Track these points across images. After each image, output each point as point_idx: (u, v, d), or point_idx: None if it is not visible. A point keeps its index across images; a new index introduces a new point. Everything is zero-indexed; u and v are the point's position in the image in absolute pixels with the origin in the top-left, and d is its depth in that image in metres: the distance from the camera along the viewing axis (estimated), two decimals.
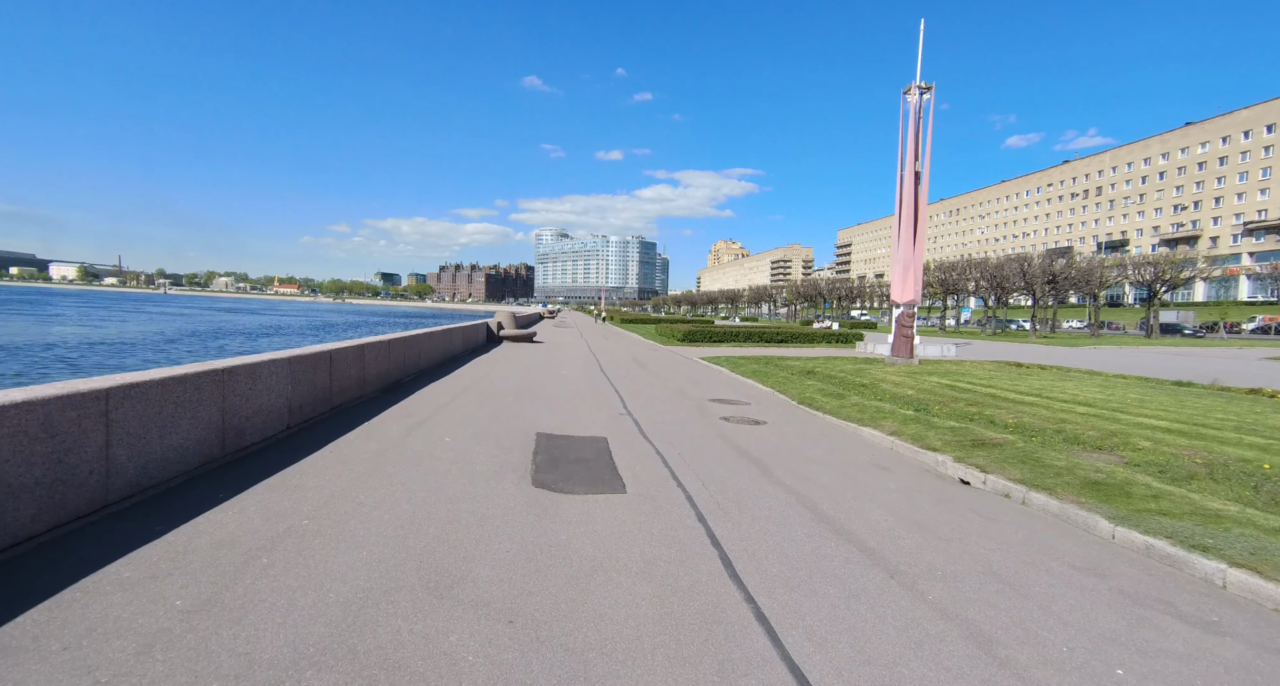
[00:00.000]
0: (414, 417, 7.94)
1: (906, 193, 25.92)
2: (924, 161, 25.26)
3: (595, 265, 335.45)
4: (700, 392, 12.21)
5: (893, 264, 26.87)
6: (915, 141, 25.34)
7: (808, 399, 11.32)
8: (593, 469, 6.02)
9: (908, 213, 25.85)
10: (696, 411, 9.99)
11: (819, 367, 16.42)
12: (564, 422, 8.34)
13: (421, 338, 12.73)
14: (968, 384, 13.34)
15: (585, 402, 10.25)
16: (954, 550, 4.36)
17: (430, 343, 13.50)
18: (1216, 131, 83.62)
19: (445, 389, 10.83)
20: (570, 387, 11.94)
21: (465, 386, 11.26)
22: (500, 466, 5.87)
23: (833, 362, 18.30)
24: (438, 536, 4.02)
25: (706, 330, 29.16)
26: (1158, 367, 19.94)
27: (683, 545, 4.19)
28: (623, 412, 9.49)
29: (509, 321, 23.95)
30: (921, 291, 26.86)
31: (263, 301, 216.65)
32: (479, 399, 9.95)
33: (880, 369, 16.44)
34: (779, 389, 12.70)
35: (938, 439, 7.65)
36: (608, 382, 13.00)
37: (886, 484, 6.12)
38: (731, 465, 6.50)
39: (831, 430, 9.00)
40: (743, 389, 13.17)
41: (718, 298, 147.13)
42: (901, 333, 18.08)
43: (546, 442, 7.04)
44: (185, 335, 44.60)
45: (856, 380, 13.74)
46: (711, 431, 8.37)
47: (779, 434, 8.44)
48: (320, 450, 5.92)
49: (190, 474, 4.84)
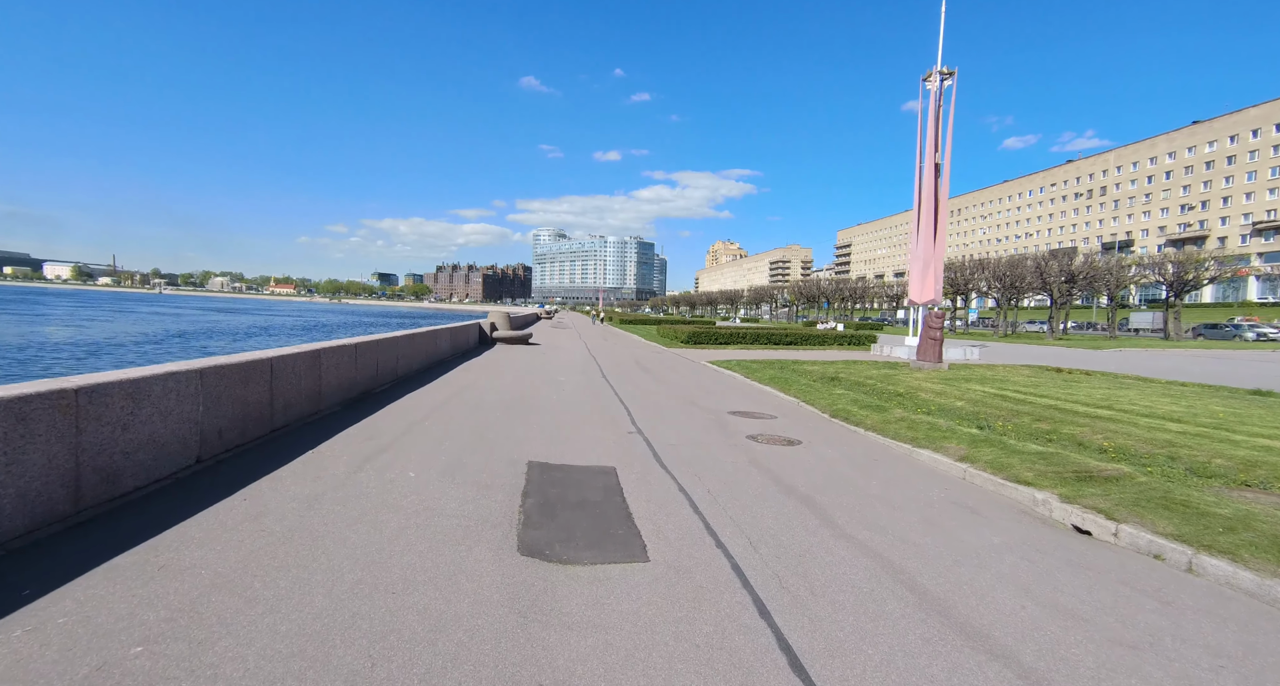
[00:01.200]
0: (375, 441, 6.41)
1: (926, 186, 24.47)
2: (945, 153, 23.82)
3: (593, 266, 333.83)
4: (716, 403, 10.72)
5: (911, 262, 25.41)
6: (935, 131, 23.91)
7: (841, 411, 9.84)
8: (601, 519, 4.52)
9: (927, 207, 24.38)
10: (717, 428, 8.50)
11: (841, 373, 14.94)
12: (562, 445, 6.84)
13: (400, 340, 11.21)
14: (1015, 392, 11.86)
15: (587, 417, 8.75)
16: (1160, 675, 2.86)
17: (411, 346, 11.98)
18: (1224, 130, 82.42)
19: (423, 400, 9.31)
20: (569, 398, 10.44)
21: (448, 397, 9.74)
22: (476, 519, 4.36)
23: (854, 367, 16.83)
24: (354, 672, 2.51)
25: (711, 332, 27.69)
26: (1207, 373, 18.50)
27: (746, 667, 2.69)
28: (631, 430, 7.99)
29: (503, 322, 22.44)
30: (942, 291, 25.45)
31: (258, 301, 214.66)
32: (461, 413, 8.44)
33: (909, 374, 14.97)
34: (804, 399, 11.22)
35: (1025, 468, 6.16)
36: (611, 391, 11.50)
37: (986, 536, 4.63)
38: (778, 507, 5.01)
39: (881, 453, 7.51)
40: (763, 398, 11.68)
41: (717, 298, 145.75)
42: (929, 335, 16.60)
43: (540, 476, 5.54)
44: (170, 336, 43.00)
45: (888, 388, 12.26)
46: (741, 455, 6.88)
47: (821, 458, 6.95)
48: (231, 496, 4.40)
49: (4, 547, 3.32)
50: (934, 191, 23.90)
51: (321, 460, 5.54)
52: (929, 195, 23.93)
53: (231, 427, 5.35)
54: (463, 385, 11.23)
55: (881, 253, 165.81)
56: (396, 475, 5.23)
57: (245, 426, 5.61)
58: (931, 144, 23.60)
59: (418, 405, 8.86)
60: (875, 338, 29.30)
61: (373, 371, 9.58)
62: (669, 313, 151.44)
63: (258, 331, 55.16)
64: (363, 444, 6.24)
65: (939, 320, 16.58)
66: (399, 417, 7.77)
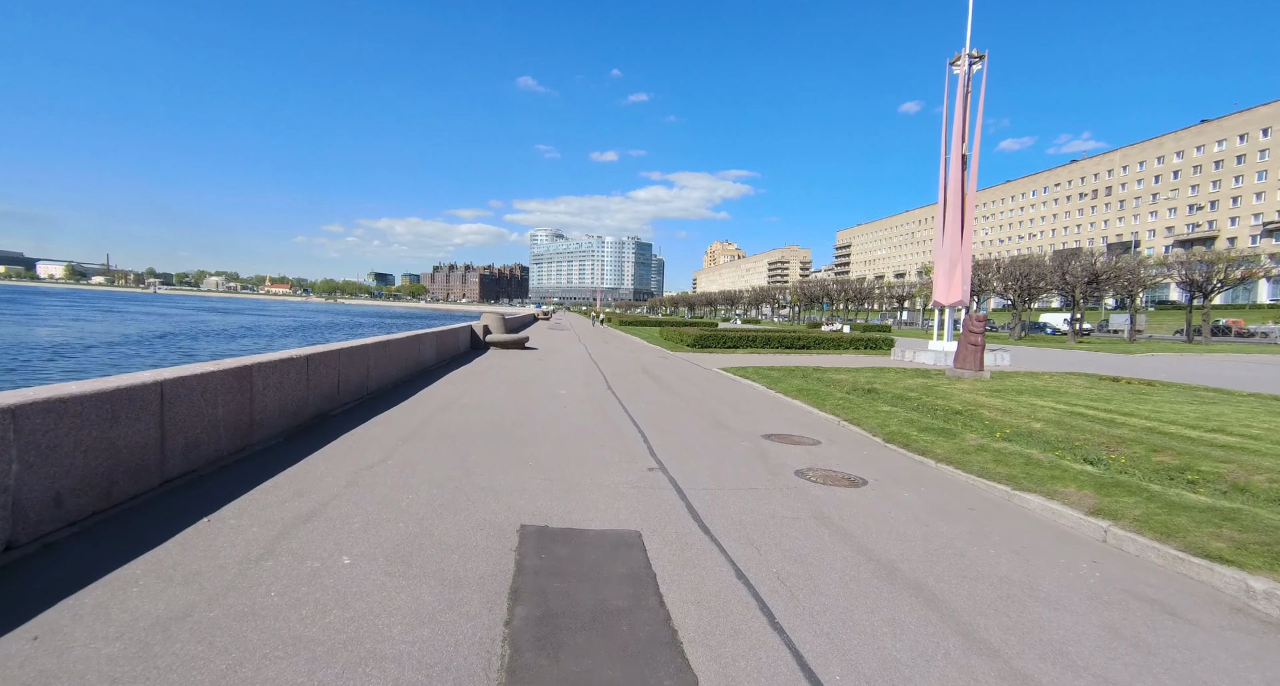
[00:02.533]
0: (307, 498, 4.66)
1: (952, 179, 22.80)
2: (973, 142, 22.17)
3: (590, 266, 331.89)
4: (745, 423, 9.04)
5: (936, 261, 23.75)
6: (963, 119, 22.27)
7: (898, 435, 8.17)
8: (633, 651, 2.82)
9: (954, 201, 22.73)
10: (756, 459, 6.82)
11: (875, 383, 13.28)
12: (565, 494, 5.15)
13: (370, 349, 9.49)
14: (1090, 409, 10.20)
15: (595, 446, 7.06)
16: None
17: (384, 355, 10.25)
18: (1234, 129, 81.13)
19: (391, 427, 7.58)
20: (572, 418, 8.75)
21: (423, 421, 8.02)
22: (431, 662, 2.65)
23: (884, 376, 15.16)
24: None
25: (717, 335, 26.05)
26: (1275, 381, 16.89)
27: None
28: (653, 466, 6.32)
29: (497, 325, 20.73)
30: (970, 291, 23.79)
31: (252, 301, 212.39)
32: (435, 447, 6.72)
33: (951, 385, 13.31)
34: (846, 417, 9.55)
35: (1205, 532, 4.49)
36: (620, 408, 9.81)
37: (1240, 673, 2.95)
38: (888, 610, 3.33)
39: (972, 497, 5.85)
40: (797, 416, 10.00)
41: (717, 299, 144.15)
42: (968, 340, 14.94)
43: (536, 555, 3.84)
44: (153, 337, 41.16)
45: (939, 403, 10.60)
46: (800, 505, 5.20)
47: (902, 508, 5.29)
48: (12, 631, 2.69)
49: None
50: (961, 185, 22.26)
51: (213, 537, 3.80)
52: (955, 189, 22.27)
53: (82, 489, 3.64)
54: (444, 402, 9.51)
55: (882, 253, 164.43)
56: (322, 563, 3.52)
57: (111, 483, 3.90)
58: (959, 134, 21.94)
59: (383, 434, 7.13)
60: (892, 341, 27.67)
61: (331, 388, 7.86)
62: (667, 313, 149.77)
63: (244, 332, 53.37)
64: (286, 504, 4.48)
65: (980, 324, 14.91)
66: (350, 457, 6.02)
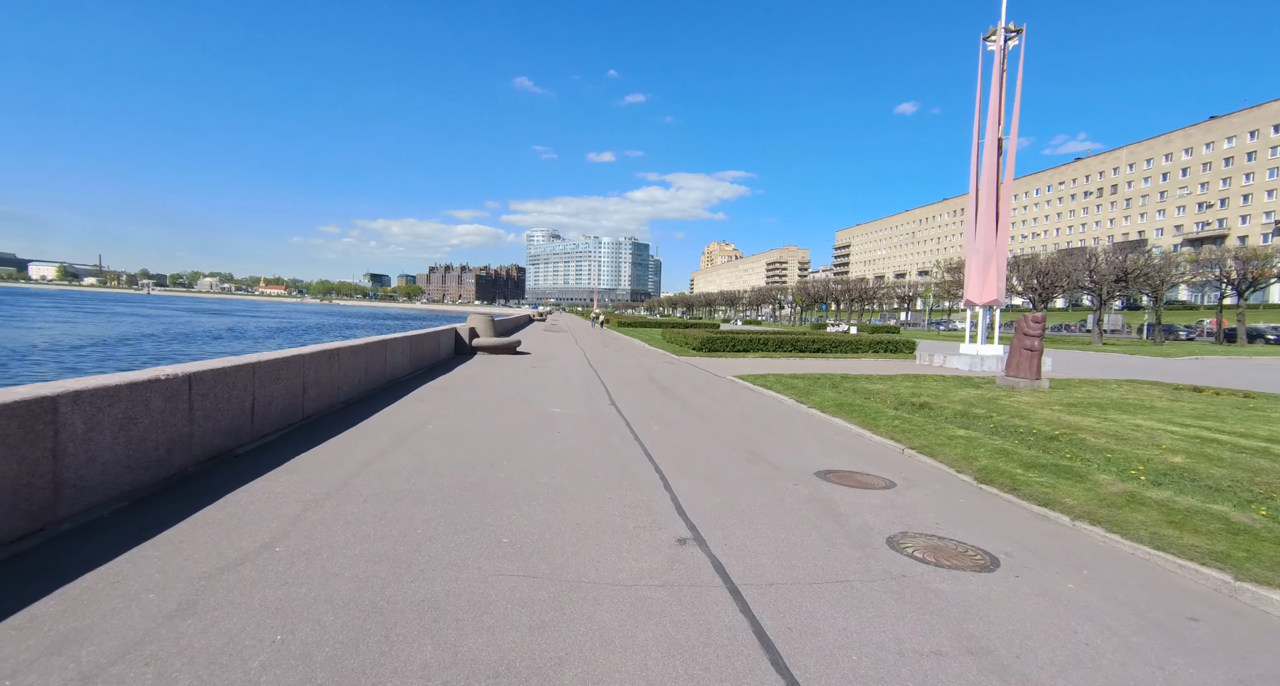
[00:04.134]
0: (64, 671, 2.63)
1: (986, 166, 20.80)
2: (1010, 126, 20.21)
3: (587, 267, 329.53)
4: (789, 453, 7.02)
5: (968, 256, 21.74)
6: (998, 101, 20.30)
7: (993, 472, 6.18)
8: None
9: (987, 191, 20.73)
10: (827, 518, 4.79)
11: (922, 395, 11.29)
12: (556, 611, 3.11)
13: (310, 360, 7.40)
14: (1207, 430, 8.21)
15: (599, 498, 5.02)
16: None
17: (330, 367, 8.16)
18: (1244, 125, 79.52)
19: (310, 476, 5.43)
20: (567, 451, 6.70)
21: (361, 463, 5.93)
22: None
23: (925, 385, 13.17)
24: None
25: (725, 337, 24.02)
26: None
27: None
28: (685, 536, 4.30)
29: (485, 327, 18.65)
30: (1005, 289, 21.83)
31: (245, 302, 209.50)
32: (363, 515, 4.65)
33: (1010, 397, 11.33)
34: (912, 443, 7.55)
35: None
36: (629, 434, 7.77)
37: None
38: None
39: (1178, 595, 3.83)
40: (847, 441, 7.98)
41: (716, 299, 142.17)
42: (1023, 345, 12.96)
43: None
44: (118, 342, 38.90)
45: (1015, 422, 8.61)
46: (932, 625, 3.16)
47: (1090, 621, 3.25)
48: None
49: None
50: (996, 172, 20.28)
51: None
52: (990, 177, 20.26)
53: None
54: (403, 429, 7.44)
55: (881, 253, 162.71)
56: None
57: None
58: (994, 116, 19.94)
59: (292, 490, 5.01)
60: (913, 344, 25.71)
61: (238, 417, 5.79)
62: (665, 314, 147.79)
63: (227, 334, 51.23)
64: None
65: (1038, 326, 12.92)
66: (219, 540, 3.88)
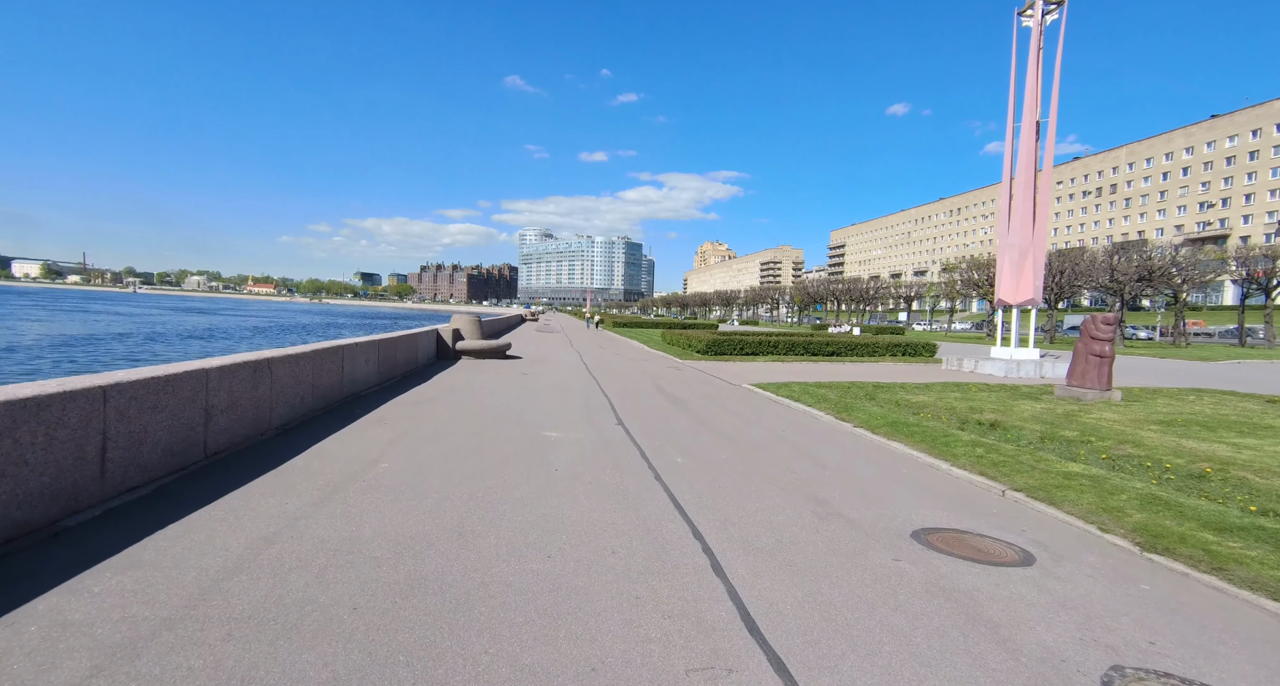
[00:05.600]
0: None
1: (1023, 151, 19.04)
2: (1050, 107, 18.47)
3: (580, 266, 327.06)
4: (864, 503, 5.20)
5: (1000, 252, 19.95)
6: (1035, 81, 18.61)
7: (1163, 535, 4.40)
8: None
9: (1024, 181, 18.97)
10: (985, 640, 2.97)
11: (983, 411, 9.53)
12: None
13: (222, 375, 5.51)
14: None
15: (620, 607, 3.16)
16: None
17: (261, 385, 6.24)
18: (1246, 124, 78.61)
19: (161, 581, 3.54)
20: (570, 511, 4.84)
21: (261, 540, 4.04)
22: None
23: (974, 396, 11.41)
24: None
25: (732, 339, 22.23)
26: None
27: None
28: (768, 682, 2.47)
29: (470, 328, 16.75)
30: (1043, 288, 20.12)
31: (233, 301, 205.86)
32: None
33: (1088, 412, 9.59)
34: (1012, 482, 5.77)
35: None
36: (649, 474, 5.92)
37: None
38: None
39: None
40: (925, 477, 6.17)
41: (712, 299, 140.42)
42: (1091, 350, 11.22)
43: None
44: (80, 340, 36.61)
45: (1129, 450, 6.86)
46: None
47: None
48: None
49: None
50: (1033, 159, 18.56)
51: None
52: (1027, 165, 18.49)
53: None
54: (342, 473, 5.54)
55: (877, 253, 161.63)
56: None
57: None
58: (1031, 97, 18.23)
59: (98, 622, 3.14)
60: (933, 346, 24.00)
61: (80, 466, 3.91)
62: (659, 314, 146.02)
63: (206, 334, 49.00)
64: None
65: (1109, 329, 11.18)
66: None
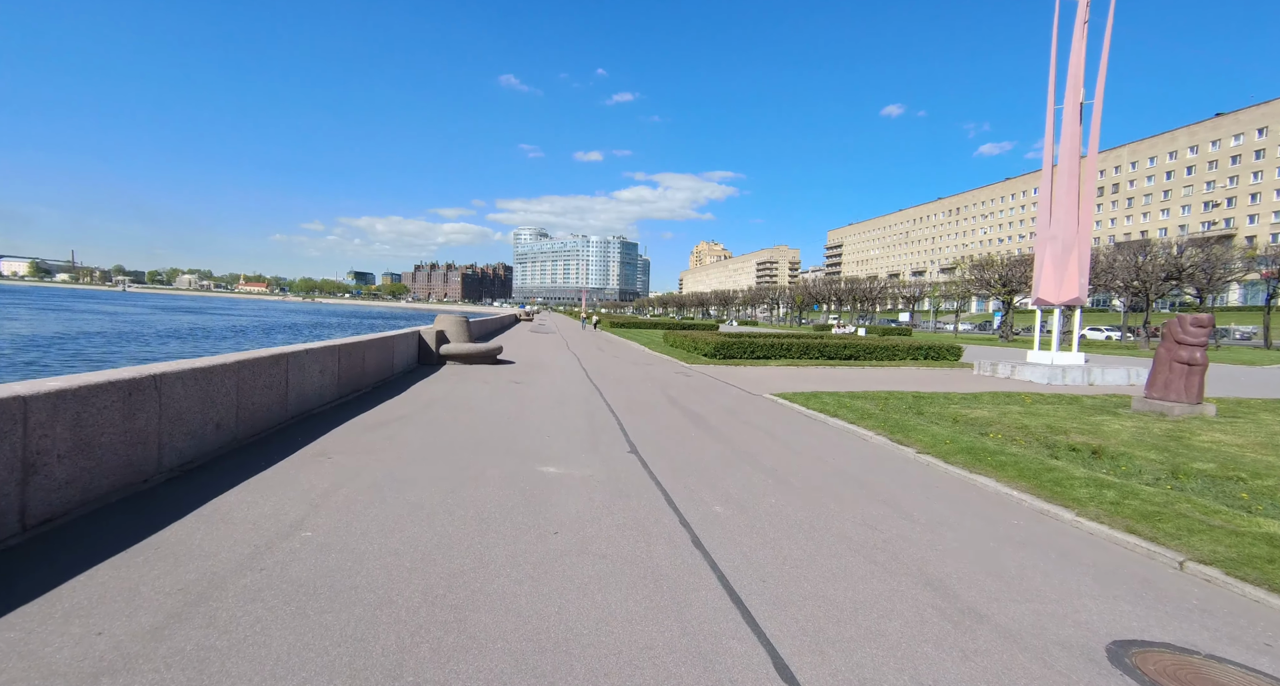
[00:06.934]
0: None
1: (1066, 137, 17.37)
2: (1096, 88, 16.84)
3: (575, 266, 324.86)
4: (1001, 594, 3.47)
5: (1040, 246, 18.25)
6: (1080, 58, 16.99)
7: None
8: None
9: (1068, 167, 17.33)
10: None
11: (1068, 431, 7.87)
12: None
13: (52, 402, 3.79)
14: None
15: None
16: None
17: (138, 415, 4.42)
18: (1251, 123, 77.52)
19: None
20: (583, 616, 3.12)
21: None
22: None
23: (1040, 411, 9.76)
24: None
25: (741, 342, 20.57)
26: None
27: None
28: None
29: (457, 331, 14.99)
30: (1088, 286, 18.49)
31: (223, 300, 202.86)
32: None
33: (1206, 434, 7.95)
34: (1189, 550, 4.07)
35: None
36: (685, 537, 4.19)
37: None
38: None
39: None
40: (1064, 542, 4.45)
41: (709, 299, 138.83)
42: (1177, 357, 9.59)
43: None
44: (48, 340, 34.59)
45: None
46: None
47: None
48: None
49: None
50: (1077, 146, 16.95)
51: None
52: (1071, 152, 16.85)
53: None
54: (235, 557, 3.78)
55: (875, 253, 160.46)
56: None
57: None
58: (1075, 77, 16.62)
59: None
60: (958, 349, 22.40)
61: None
62: (655, 314, 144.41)
63: (186, 333, 47.00)
64: None
65: (1201, 333, 9.55)
66: None
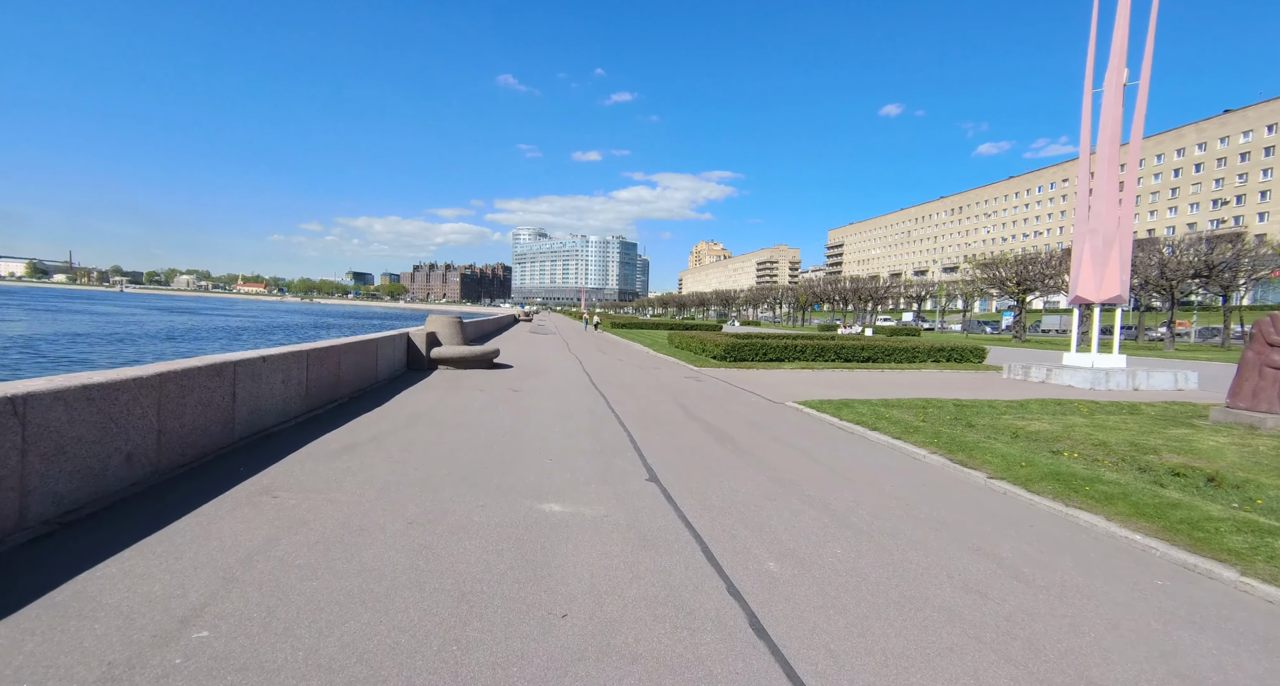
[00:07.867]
0: None
1: (1105, 122, 16.11)
2: (1141, 69, 15.69)
3: (574, 266, 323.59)
4: None
5: (1077, 240, 17.04)
6: (1124, 35, 15.82)
7: None
8: None
9: (1108, 155, 16.07)
10: None
11: (1157, 450, 6.71)
12: None
13: None
14: None
15: None
16: None
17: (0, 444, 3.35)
18: (1260, 119, 76.51)
19: None
20: None
21: None
22: None
23: (1109, 424, 8.60)
24: None
25: (751, 343, 19.41)
26: None
27: None
28: None
29: (449, 333, 13.79)
30: (1129, 283, 17.32)
31: (221, 300, 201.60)
32: None
33: None
34: None
35: None
36: (738, 609, 3.01)
37: None
38: None
39: None
40: (1238, 617, 3.29)
41: (710, 299, 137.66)
42: (1269, 363, 8.42)
43: None
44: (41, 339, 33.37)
45: None
46: None
47: None
48: None
49: None
50: (1117, 131, 15.79)
51: None
52: (1110, 138, 15.66)
53: None
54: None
55: (876, 253, 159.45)
56: None
57: None
58: (1118, 57, 15.45)
59: None
60: (981, 351, 21.25)
61: None
62: (656, 314, 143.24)
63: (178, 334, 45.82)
64: None
65: None
66: None
